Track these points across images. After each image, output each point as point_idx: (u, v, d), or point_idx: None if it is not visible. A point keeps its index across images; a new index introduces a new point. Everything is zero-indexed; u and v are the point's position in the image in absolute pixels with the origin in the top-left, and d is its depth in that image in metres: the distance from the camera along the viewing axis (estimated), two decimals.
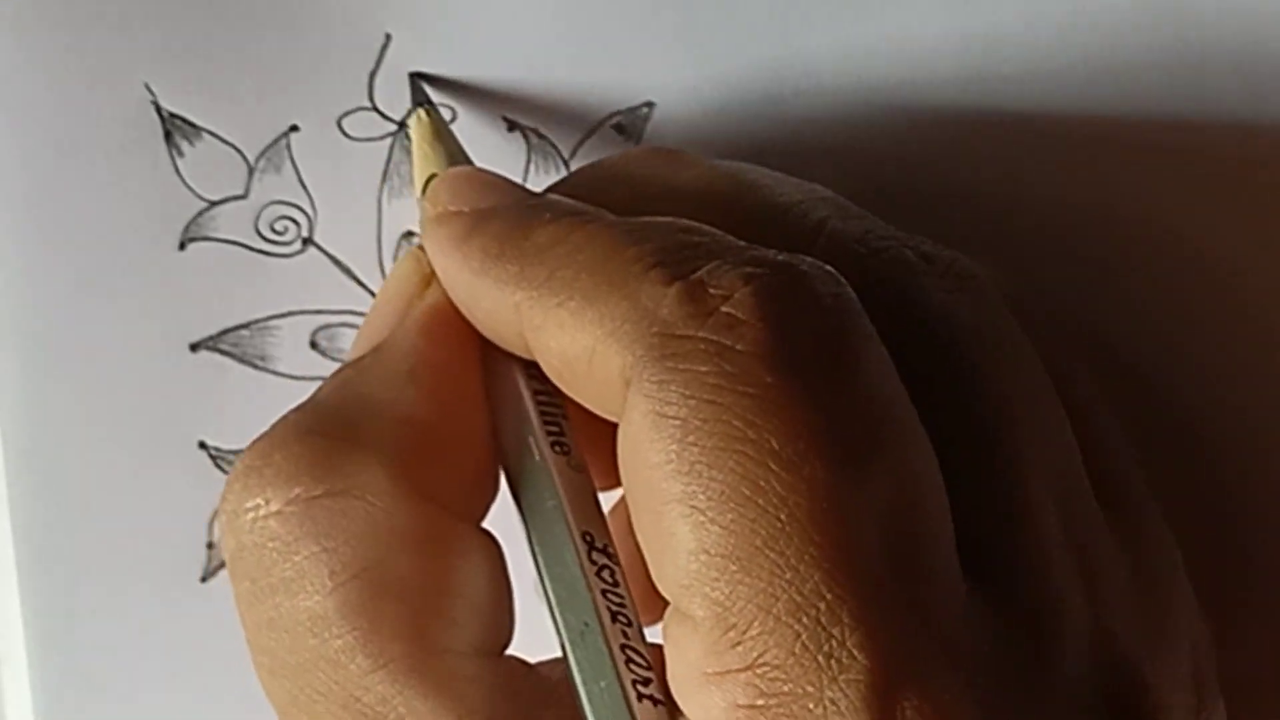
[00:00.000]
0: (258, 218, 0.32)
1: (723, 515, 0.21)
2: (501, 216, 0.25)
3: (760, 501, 0.21)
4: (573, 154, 0.32)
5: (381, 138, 0.32)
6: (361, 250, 0.32)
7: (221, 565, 0.32)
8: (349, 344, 0.32)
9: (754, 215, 0.26)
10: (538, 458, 0.25)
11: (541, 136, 0.32)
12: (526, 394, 0.25)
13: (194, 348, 0.32)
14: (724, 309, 0.22)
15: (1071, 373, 0.27)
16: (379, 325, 0.26)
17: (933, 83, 0.31)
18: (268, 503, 0.24)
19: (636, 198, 0.26)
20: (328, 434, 0.24)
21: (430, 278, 0.26)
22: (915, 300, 0.25)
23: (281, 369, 0.32)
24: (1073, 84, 0.31)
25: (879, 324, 0.23)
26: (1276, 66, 0.31)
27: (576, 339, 0.23)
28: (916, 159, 0.31)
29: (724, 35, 0.31)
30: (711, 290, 0.22)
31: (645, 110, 0.31)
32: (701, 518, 0.21)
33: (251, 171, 0.32)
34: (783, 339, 0.22)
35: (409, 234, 0.32)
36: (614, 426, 0.24)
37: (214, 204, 0.32)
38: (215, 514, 0.32)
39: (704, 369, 0.22)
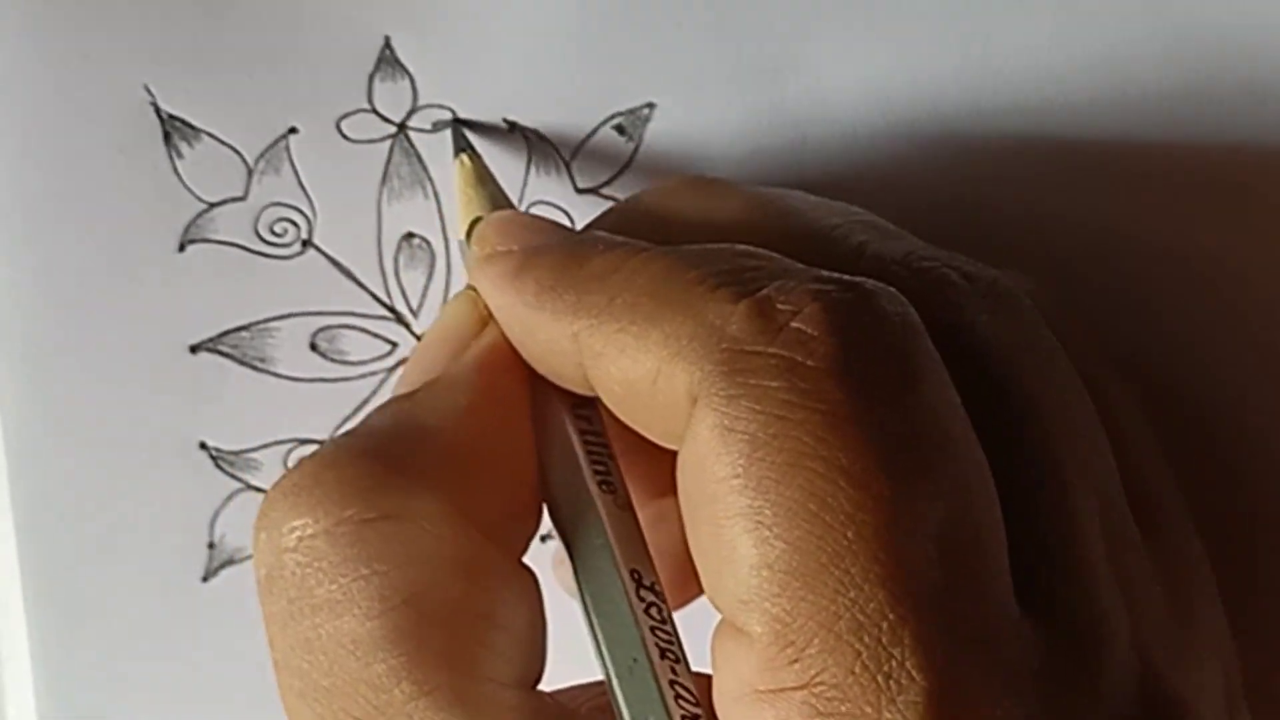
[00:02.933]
0: (257, 219, 0.32)
1: (789, 531, 0.21)
2: (553, 250, 0.25)
3: (827, 518, 0.21)
4: (573, 154, 0.32)
5: (381, 139, 0.32)
6: (361, 252, 0.32)
7: (222, 565, 0.32)
8: (348, 345, 0.32)
9: (794, 240, 0.26)
10: (586, 497, 0.25)
11: (542, 137, 0.32)
12: (574, 434, 0.26)
13: (194, 349, 0.32)
14: (794, 324, 0.22)
15: (1107, 389, 0.27)
16: (430, 362, 0.26)
17: (938, 85, 0.31)
18: (316, 522, 0.24)
19: (675, 231, 0.26)
20: (382, 459, 0.24)
21: (486, 319, 0.26)
22: (960, 321, 0.25)
23: (281, 370, 0.32)
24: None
25: None
26: None
27: (640, 361, 0.23)
28: (921, 158, 0.31)
29: (724, 36, 0.31)
30: (780, 306, 0.22)
31: (645, 110, 0.31)
32: (766, 533, 0.21)
33: (251, 173, 0.32)
34: (853, 355, 0.22)
35: (409, 235, 0.32)
36: (658, 461, 0.24)
37: (213, 205, 0.32)
38: (216, 514, 0.32)
39: (775, 384, 0.22)
